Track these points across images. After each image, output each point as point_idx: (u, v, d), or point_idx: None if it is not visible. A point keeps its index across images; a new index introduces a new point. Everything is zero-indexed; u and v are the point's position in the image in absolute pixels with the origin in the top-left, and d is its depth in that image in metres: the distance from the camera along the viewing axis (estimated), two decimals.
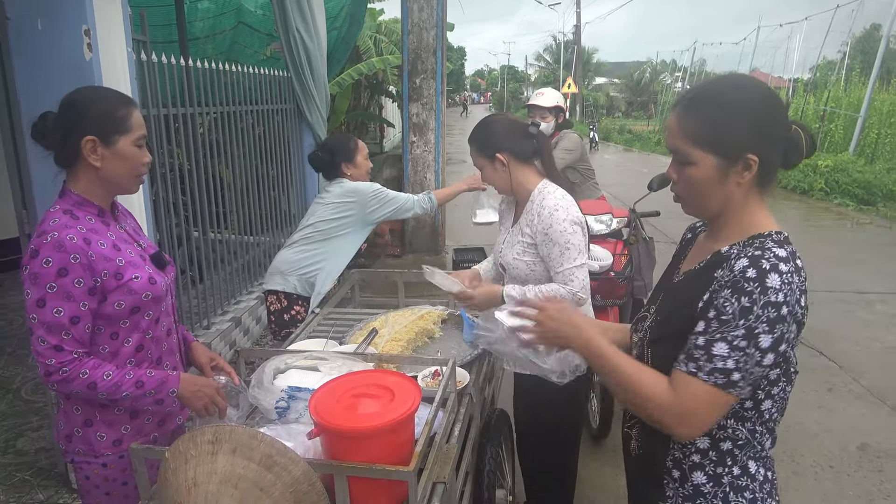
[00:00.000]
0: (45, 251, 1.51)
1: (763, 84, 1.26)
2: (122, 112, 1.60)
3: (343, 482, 1.37)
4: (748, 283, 1.14)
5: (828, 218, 10.17)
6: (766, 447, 1.30)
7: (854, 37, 17.64)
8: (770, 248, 1.19)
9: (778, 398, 1.26)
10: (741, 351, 1.15)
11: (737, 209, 1.27)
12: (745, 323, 1.14)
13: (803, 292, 1.19)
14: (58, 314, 1.52)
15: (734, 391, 1.17)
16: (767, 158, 1.21)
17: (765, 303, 1.13)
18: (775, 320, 1.14)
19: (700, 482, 1.30)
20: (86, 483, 1.73)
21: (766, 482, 1.31)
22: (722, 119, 1.21)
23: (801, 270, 1.20)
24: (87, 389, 1.56)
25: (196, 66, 4.23)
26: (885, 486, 3.19)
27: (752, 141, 1.20)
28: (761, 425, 1.27)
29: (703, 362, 1.17)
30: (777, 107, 1.23)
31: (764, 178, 1.25)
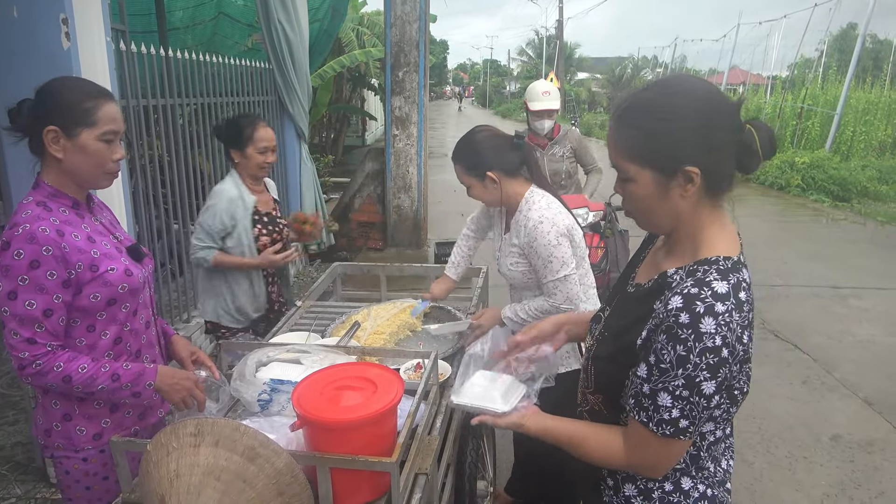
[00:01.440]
0: (16, 243, 1.49)
1: (702, 87, 1.14)
2: (89, 104, 1.55)
3: (326, 474, 1.38)
4: (682, 330, 1.07)
5: (804, 214, 10.33)
6: (709, 465, 1.26)
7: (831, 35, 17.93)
8: (709, 283, 1.10)
9: (721, 420, 1.22)
10: (684, 400, 1.10)
11: (687, 224, 1.19)
12: (683, 373, 1.08)
13: (746, 327, 1.11)
14: (30, 307, 1.50)
15: (685, 437, 1.13)
16: (712, 168, 1.12)
17: (701, 350, 1.07)
18: (716, 366, 1.08)
19: (631, 494, 1.28)
20: (66, 478, 1.71)
21: (703, 499, 1.25)
22: (655, 131, 1.12)
23: (745, 304, 1.11)
24: (62, 382, 1.55)
25: (176, 56, 4.18)
26: (857, 475, 3.27)
27: (690, 152, 1.11)
28: (706, 449, 1.24)
29: (651, 412, 1.13)
30: (719, 110, 1.12)
31: (714, 188, 1.15)
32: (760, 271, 6.87)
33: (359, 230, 7.49)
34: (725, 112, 1.13)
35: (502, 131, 2.33)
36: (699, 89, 1.14)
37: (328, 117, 13.96)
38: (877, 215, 9.94)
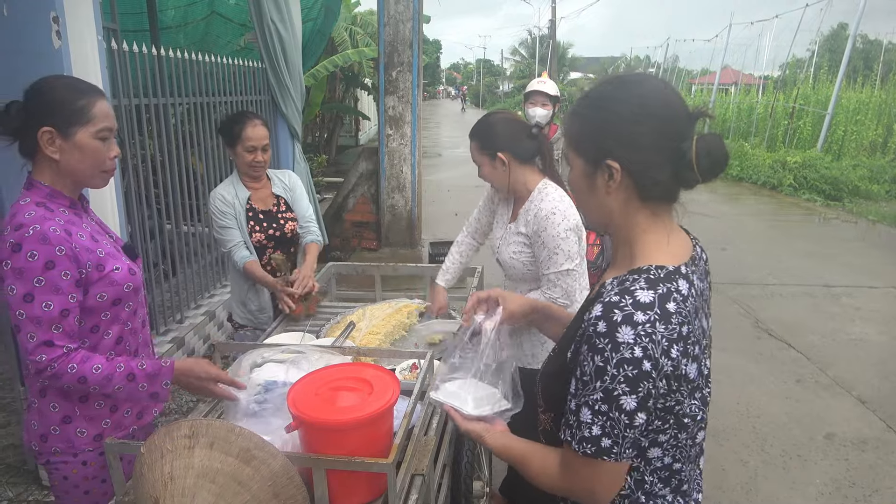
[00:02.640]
0: (28, 244, 1.46)
1: (656, 89, 1.10)
2: (82, 102, 1.52)
3: (322, 475, 1.37)
4: (599, 340, 1.02)
5: (796, 213, 10.38)
6: (663, 494, 1.16)
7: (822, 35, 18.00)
8: (632, 292, 1.03)
9: (669, 447, 1.11)
10: (604, 416, 1.03)
11: (621, 226, 1.15)
12: (601, 385, 1.02)
13: (675, 340, 1.01)
14: (47, 308, 1.48)
15: (610, 458, 1.05)
16: (638, 169, 1.08)
17: (618, 361, 1.00)
18: (635, 379, 1.00)
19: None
20: (63, 483, 1.68)
21: None
22: (589, 120, 1.12)
23: (674, 315, 1.02)
24: (77, 384, 1.52)
25: (168, 55, 4.15)
26: (851, 473, 3.28)
27: (614, 147, 1.08)
28: (651, 475, 1.14)
29: (574, 429, 1.07)
30: (661, 114, 1.08)
31: (647, 193, 1.11)
32: (753, 270, 6.90)
33: (353, 230, 7.47)
34: (668, 118, 1.08)
35: (523, 119, 2.38)
36: (650, 90, 1.09)
37: (321, 117, 13.94)
38: (868, 214, 10.00)
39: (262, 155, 2.80)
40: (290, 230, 2.93)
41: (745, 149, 14.31)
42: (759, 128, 15.93)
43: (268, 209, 2.90)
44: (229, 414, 1.79)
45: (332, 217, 7.35)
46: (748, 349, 4.84)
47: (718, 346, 4.80)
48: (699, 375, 1.09)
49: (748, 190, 12.53)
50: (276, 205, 2.93)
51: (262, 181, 2.92)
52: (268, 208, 2.90)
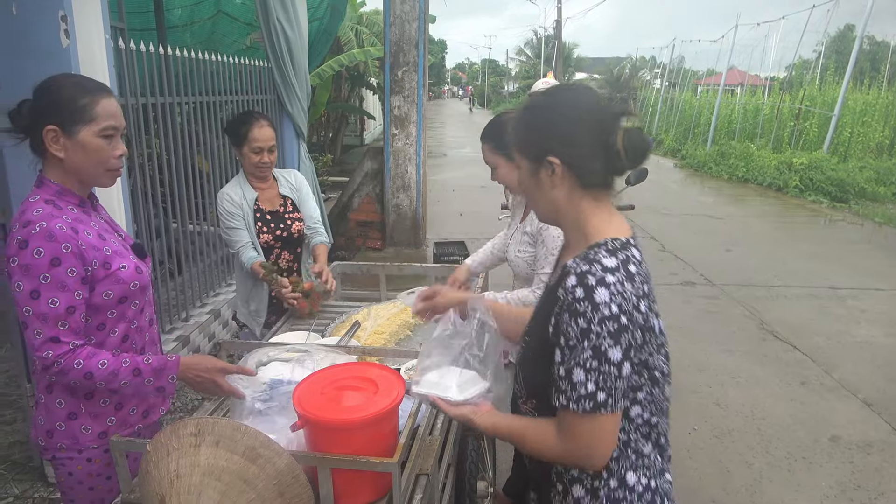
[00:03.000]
0: (35, 241, 1.47)
1: (583, 94, 1.28)
2: (86, 100, 1.52)
3: (327, 474, 1.37)
4: (580, 304, 1.15)
5: (802, 215, 10.35)
6: (646, 452, 1.29)
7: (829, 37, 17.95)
8: (598, 260, 1.18)
9: (647, 402, 1.26)
10: (596, 371, 1.15)
11: (570, 214, 1.29)
12: (588, 344, 1.14)
13: (642, 297, 1.18)
14: (53, 305, 1.49)
15: (606, 410, 1.16)
16: (575, 162, 1.23)
17: (600, 319, 1.13)
18: (617, 332, 1.14)
19: (579, 495, 1.30)
20: (68, 479, 1.70)
21: (648, 491, 1.28)
22: (529, 124, 1.29)
23: (637, 276, 1.19)
24: (84, 379, 1.53)
25: (175, 54, 4.17)
26: (856, 476, 3.27)
27: (552, 144, 1.24)
28: (635, 432, 1.27)
29: (569, 392, 1.17)
30: (589, 113, 1.24)
31: (586, 181, 1.25)
32: (759, 271, 6.88)
33: (357, 230, 7.48)
34: (596, 116, 1.24)
35: None
36: (577, 95, 1.28)
37: (327, 116, 13.95)
38: (874, 216, 9.96)
39: (269, 156, 2.80)
40: (297, 230, 2.93)
41: (751, 150, 14.27)
42: (765, 129, 15.88)
43: (275, 210, 2.91)
44: (234, 412, 1.80)
45: (336, 216, 7.36)
46: (753, 351, 4.82)
47: (723, 348, 4.82)
48: (660, 332, 1.25)
49: (754, 191, 12.49)
50: (282, 205, 2.93)
51: (268, 181, 2.92)
52: (275, 209, 2.91)
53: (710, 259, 7.37)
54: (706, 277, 6.67)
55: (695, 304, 5.88)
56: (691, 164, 15.92)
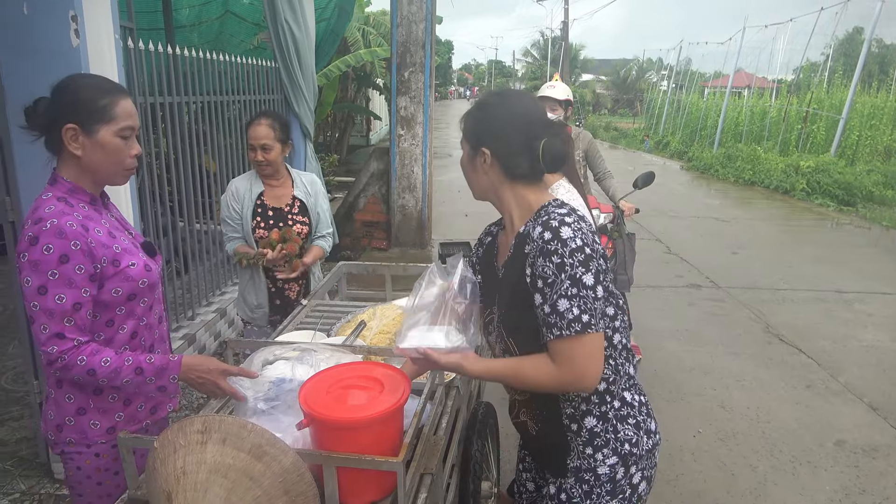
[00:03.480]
0: (45, 238, 1.49)
1: (523, 101, 1.51)
2: (105, 100, 1.56)
3: (332, 472, 1.38)
4: (550, 244, 1.35)
5: (809, 218, 10.31)
6: (632, 373, 1.55)
7: (837, 39, 17.85)
8: (552, 211, 1.42)
9: (622, 329, 1.50)
10: (577, 297, 1.34)
11: (502, 197, 1.52)
12: (565, 275, 1.34)
13: (594, 233, 1.41)
14: (60, 301, 1.51)
15: (592, 329, 1.34)
16: (502, 155, 1.47)
17: (570, 251, 1.34)
18: (587, 259, 1.35)
19: (592, 425, 1.49)
20: (77, 473, 1.71)
21: (643, 405, 1.55)
22: (475, 117, 1.52)
23: (583, 218, 1.42)
24: (87, 376, 1.55)
25: (182, 54, 4.19)
26: (861, 480, 3.26)
27: (486, 138, 1.48)
28: (619, 355, 1.50)
29: (559, 322, 1.35)
30: (522, 120, 1.46)
31: (512, 172, 1.48)
32: (764, 275, 6.86)
33: (363, 230, 7.49)
34: (525, 122, 1.46)
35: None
36: (518, 102, 1.50)
37: (333, 117, 13.98)
38: (882, 220, 9.92)
39: (262, 154, 2.84)
40: (297, 232, 2.95)
41: (758, 153, 14.22)
42: (772, 132, 15.82)
43: (279, 207, 2.93)
44: (240, 411, 1.81)
45: (342, 216, 7.37)
46: (759, 354, 4.81)
47: (729, 351, 4.81)
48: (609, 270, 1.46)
49: (760, 194, 12.45)
50: (289, 205, 2.96)
51: (280, 179, 2.97)
52: (280, 206, 2.93)
53: (716, 262, 7.35)
54: (712, 280, 6.66)
55: (700, 306, 5.87)
56: (698, 167, 15.88)
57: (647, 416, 1.54)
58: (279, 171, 2.95)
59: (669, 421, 3.78)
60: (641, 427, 1.52)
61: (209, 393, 1.70)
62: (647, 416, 1.54)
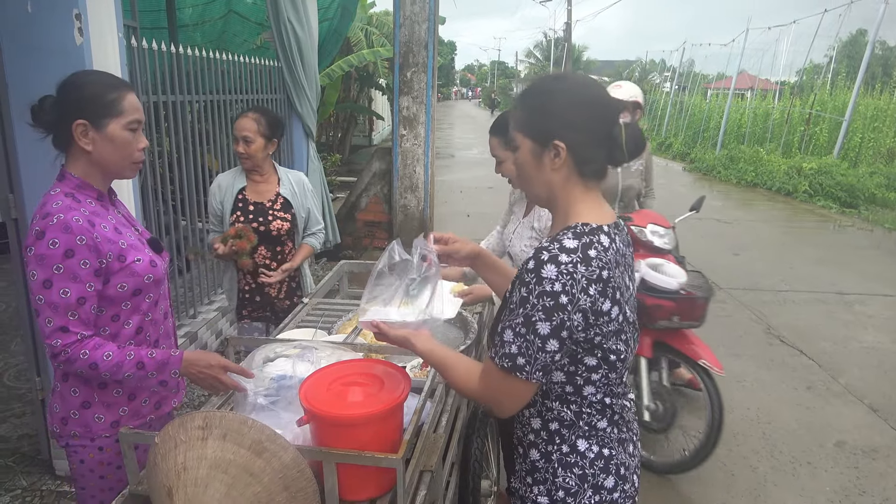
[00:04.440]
0: (51, 232, 1.51)
1: (590, 84, 1.32)
2: (113, 95, 1.59)
3: (331, 469, 1.39)
4: (527, 275, 1.22)
5: (811, 219, 10.30)
6: (601, 426, 1.37)
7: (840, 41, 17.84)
8: (560, 240, 1.24)
9: (601, 384, 1.33)
10: (522, 337, 1.22)
11: (560, 198, 1.34)
12: (523, 311, 1.22)
13: (594, 281, 1.21)
14: (64, 295, 1.53)
15: (522, 375, 1.24)
16: (578, 148, 1.28)
17: (540, 292, 1.20)
18: (552, 309, 1.19)
19: (535, 458, 1.39)
20: (80, 467, 1.73)
21: (600, 458, 1.36)
22: (537, 106, 1.31)
23: (594, 260, 1.22)
24: (89, 370, 1.57)
25: (186, 53, 4.20)
26: (861, 482, 3.26)
27: (559, 129, 1.27)
28: (588, 407, 1.35)
29: (498, 347, 1.27)
30: (596, 104, 1.29)
31: (583, 169, 1.31)
32: (766, 276, 6.86)
33: (365, 229, 7.50)
34: (601, 107, 1.30)
35: None
36: (585, 85, 1.32)
37: (336, 116, 14.00)
38: (884, 222, 9.90)
39: (244, 146, 2.84)
40: (276, 228, 2.93)
41: (761, 154, 14.20)
42: (774, 133, 15.80)
43: (261, 202, 2.94)
44: (241, 407, 1.82)
45: (344, 216, 7.38)
46: (759, 355, 4.81)
47: (730, 352, 4.81)
48: (624, 319, 1.28)
49: (763, 196, 12.44)
50: (272, 201, 2.96)
51: (264, 175, 2.97)
52: (261, 202, 2.94)
53: (718, 263, 7.35)
54: (713, 281, 6.64)
55: None
56: (700, 168, 15.87)
57: (601, 472, 1.35)
58: (262, 166, 2.94)
59: None
60: (588, 480, 1.35)
61: (209, 388, 1.71)
62: (602, 471, 1.35)
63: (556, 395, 1.34)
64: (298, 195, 3.02)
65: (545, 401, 1.36)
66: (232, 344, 2.15)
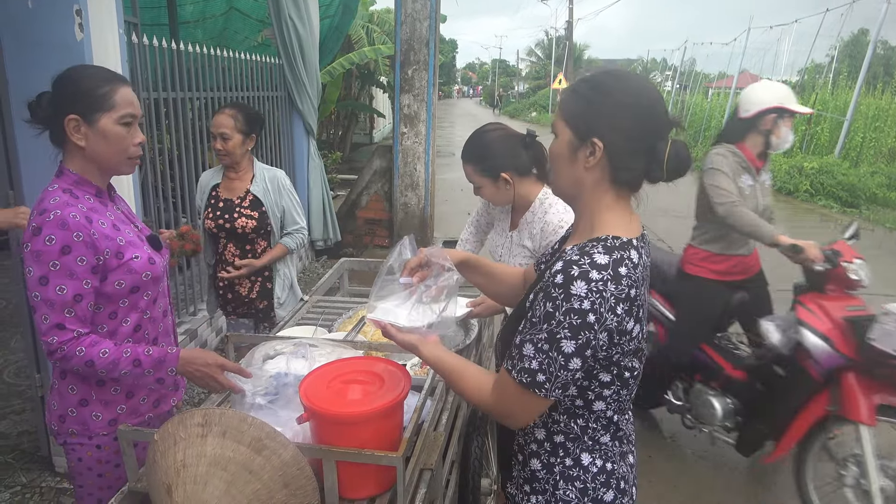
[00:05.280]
0: (47, 229, 1.50)
1: (648, 88, 1.25)
2: (105, 89, 1.56)
3: (331, 466, 1.38)
4: (555, 290, 1.17)
5: (812, 219, 10.29)
6: (604, 441, 1.35)
7: (842, 41, 17.82)
8: (590, 254, 1.19)
9: (612, 400, 1.30)
10: (544, 354, 1.18)
11: (588, 201, 1.28)
12: (547, 327, 1.17)
13: (622, 300, 1.17)
14: (61, 292, 1.52)
15: (541, 392, 1.20)
16: (616, 151, 1.22)
17: (567, 309, 1.15)
18: (579, 327, 1.15)
19: (536, 468, 1.37)
20: (78, 465, 1.72)
21: (602, 473, 1.34)
22: (584, 99, 1.25)
23: (624, 278, 1.17)
24: (85, 367, 1.56)
25: (187, 50, 4.19)
26: None
27: (601, 128, 1.22)
28: (594, 422, 1.32)
29: (516, 361, 1.22)
30: (647, 111, 1.23)
31: (618, 175, 1.25)
32: (767, 275, 6.83)
33: (365, 227, 7.50)
34: (652, 117, 1.23)
35: (513, 129, 2.30)
36: (643, 88, 1.25)
37: (336, 114, 13.98)
38: (885, 222, 9.89)
39: (221, 143, 2.83)
40: (241, 226, 2.89)
41: None
42: None
43: (230, 199, 2.92)
44: (240, 405, 1.81)
45: (345, 214, 7.38)
46: None
47: None
48: (642, 337, 1.26)
49: None
50: (241, 198, 2.92)
51: (239, 172, 2.93)
52: (230, 198, 2.92)
53: None
54: None
55: None
56: (702, 167, 15.84)
57: (602, 486, 1.34)
58: (239, 163, 2.91)
59: (670, 419, 3.78)
60: (588, 494, 1.34)
61: (206, 387, 1.70)
62: (602, 485, 1.34)
63: (565, 408, 1.31)
64: (272, 193, 2.95)
65: (552, 413, 1.33)
66: (232, 341, 2.15)
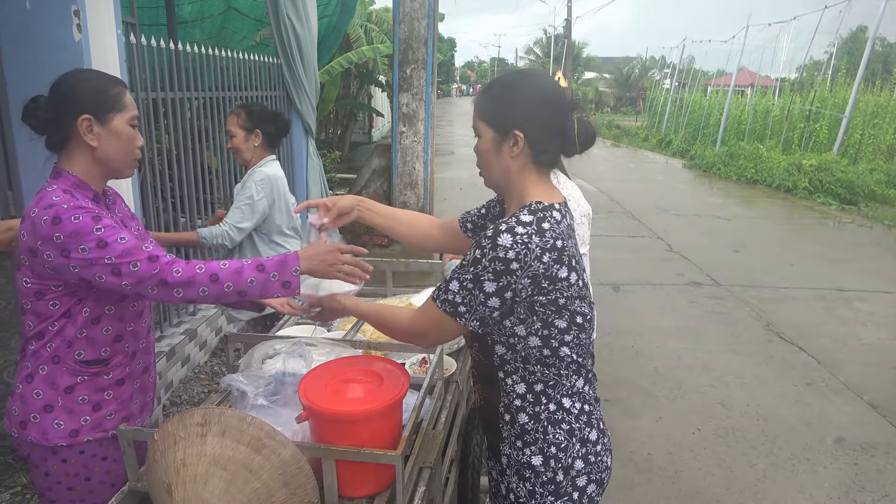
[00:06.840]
0: (68, 212, 1.46)
1: (548, 81, 1.46)
2: (116, 90, 1.59)
3: (331, 465, 1.39)
4: (483, 240, 1.35)
5: (811, 216, 10.30)
6: (579, 385, 1.49)
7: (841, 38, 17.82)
8: (517, 216, 1.38)
9: (574, 345, 1.44)
10: (468, 291, 1.36)
11: (516, 183, 1.46)
12: (473, 270, 1.35)
13: (547, 250, 1.34)
14: (123, 241, 1.49)
15: (460, 320, 1.39)
16: (535, 138, 1.41)
17: (493, 257, 1.33)
18: (501, 272, 1.33)
19: (524, 422, 1.47)
20: (45, 480, 1.66)
21: (583, 413, 1.49)
22: (500, 98, 1.44)
23: (548, 231, 1.35)
24: (209, 282, 1.51)
25: (185, 50, 4.19)
26: (860, 478, 3.26)
27: (519, 119, 1.40)
28: (565, 368, 1.46)
29: (441, 292, 1.41)
30: (553, 100, 1.42)
31: (539, 158, 1.44)
32: (766, 273, 6.86)
33: (364, 227, 7.49)
34: (557, 103, 1.42)
35: None
36: (544, 82, 1.45)
37: (335, 113, 13.97)
38: (884, 219, 9.91)
39: (230, 140, 2.95)
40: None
41: (761, 151, 14.20)
42: (774, 130, 15.79)
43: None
44: (239, 404, 1.81)
45: None
46: (759, 352, 4.81)
47: (729, 349, 4.82)
48: (584, 285, 1.43)
49: (762, 192, 12.44)
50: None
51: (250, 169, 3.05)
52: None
53: (718, 260, 7.35)
54: (713, 278, 6.66)
55: (701, 304, 5.88)
56: (700, 165, 15.86)
57: (585, 426, 1.48)
58: (249, 160, 2.99)
59: (669, 418, 3.79)
60: (575, 434, 1.46)
61: (333, 276, 1.66)
62: (586, 424, 1.48)
63: (536, 358, 1.43)
64: (240, 189, 3.04)
65: (527, 365, 1.44)
66: (231, 341, 2.15)
